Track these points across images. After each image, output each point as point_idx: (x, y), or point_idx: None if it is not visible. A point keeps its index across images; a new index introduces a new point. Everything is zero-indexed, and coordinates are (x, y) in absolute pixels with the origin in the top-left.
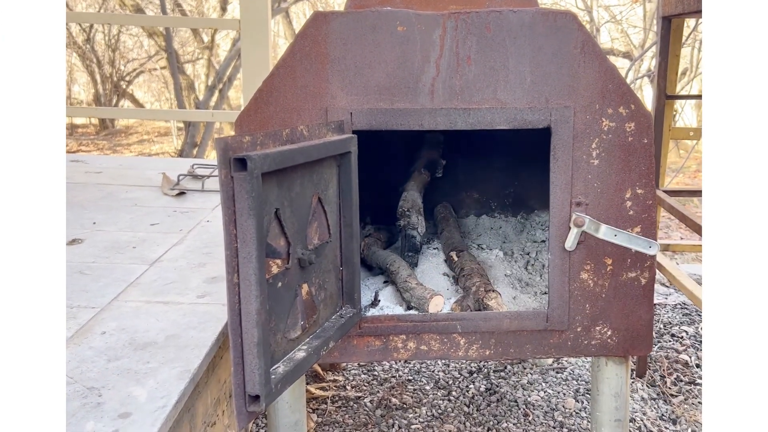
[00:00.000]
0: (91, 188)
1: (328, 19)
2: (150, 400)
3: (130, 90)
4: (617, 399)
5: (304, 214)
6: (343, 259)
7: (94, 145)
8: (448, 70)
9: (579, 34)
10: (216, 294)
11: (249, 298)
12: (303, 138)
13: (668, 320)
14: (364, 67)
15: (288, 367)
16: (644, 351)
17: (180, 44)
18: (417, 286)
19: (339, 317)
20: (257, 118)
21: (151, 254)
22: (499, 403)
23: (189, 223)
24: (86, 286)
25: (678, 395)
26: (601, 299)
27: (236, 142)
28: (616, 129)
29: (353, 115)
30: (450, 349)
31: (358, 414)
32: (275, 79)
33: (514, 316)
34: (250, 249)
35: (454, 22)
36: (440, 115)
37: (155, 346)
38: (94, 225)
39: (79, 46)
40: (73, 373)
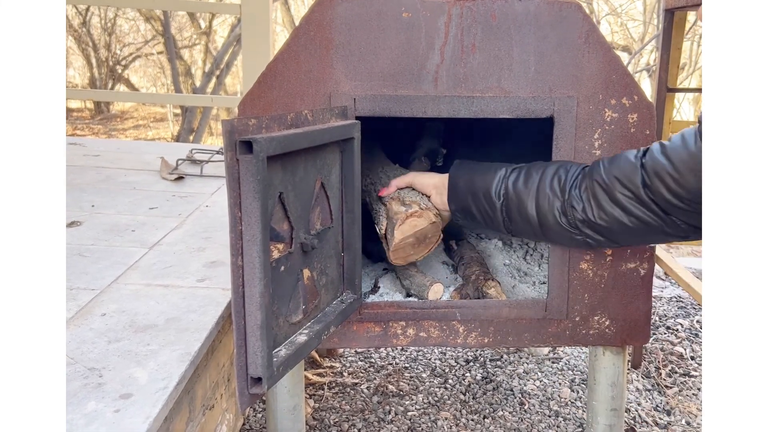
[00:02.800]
0: (89, 171)
1: (333, 4)
2: (151, 382)
3: (126, 75)
4: (614, 388)
5: (307, 198)
6: (344, 244)
7: (89, 129)
8: (453, 57)
9: (584, 24)
10: (216, 278)
11: (253, 280)
12: (307, 122)
13: (664, 313)
14: (369, 53)
15: (290, 351)
16: (642, 341)
17: (177, 29)
18: (417, 273)
19: (340, 302)
20: (260, 102)
21: (151, 238)
22: (495, 392)
23: (188, 207)
24: (86, 268)
25: (672, 387)
26: (600, 289)
27: (242, 125)
28: (619, 120)
29: (357, 101)
30: (449, 337)
31: (354, 400)
32: (279, 64)
33: (514, 304)
34: (254, 232)
35: (460, 9)
36: (444, 102)
37: (155, 329)
38: (93, 208)
39: (74, 29)
40: (73, 353)
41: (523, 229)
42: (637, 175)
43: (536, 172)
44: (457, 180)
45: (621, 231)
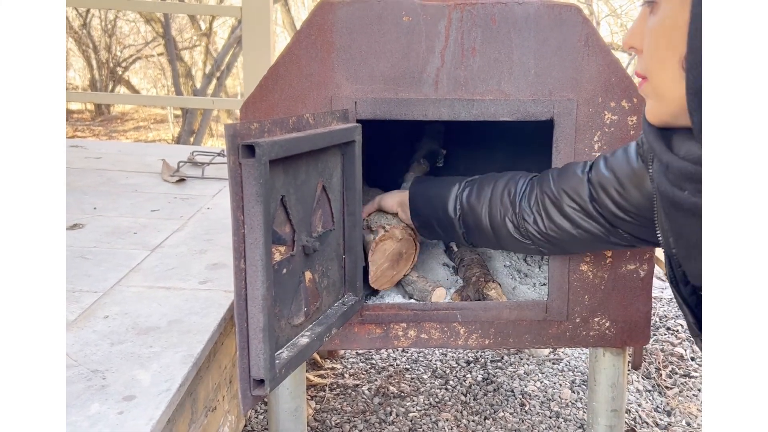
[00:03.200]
0: (91, 173)
1: (334, 8)
2: (154, 384)
3: (127, 76)
4: (614, 389)
5: (309, 201)
6: (346, 247)
7: (90, 131)
8: (453, 61)
9: (583, 28)
10: (217, 280)
11: (255, 283)
12: (309, 126)
13: (664, 313)
14: (370, 56)
15: (292, 353)
16: (642, 342)
17: (177, 31)
18: (418, 279)
19: (341, 305)
20: (262, 105)
21: (153, 240)
22: (496, 393)
23: (189, 209)
24: (88, 270)
25: (673, 387)
26: (600, 291)
27: (245, 129)
28: (618, 122)
29: (358, 104)
30: (450, 338)
31: (356, 401)
32: (280, 67)
33: (514, 306)
34: (257, 235)
35: (460, 13)
36: (444, 105)
37: (158, 331)
38: (94, 210)
39: (75, 30)
40: (77, 355)
41: (482, 240)
42: (584, 188)
43: (488, 186)
44: (415, 197)
45: (570, 241)
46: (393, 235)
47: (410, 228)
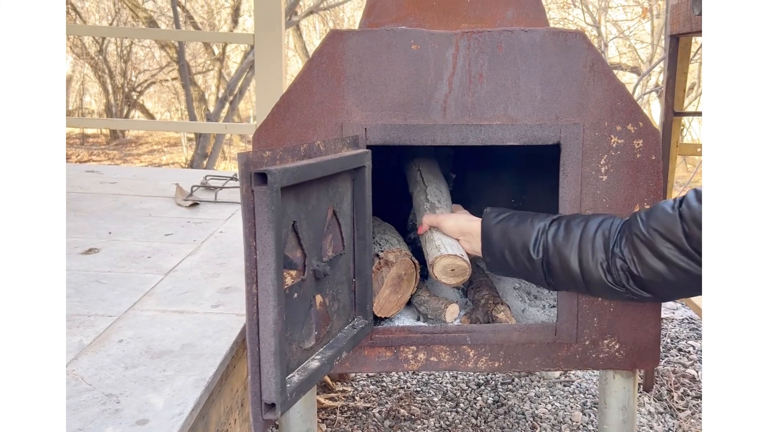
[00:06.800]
0: (106, 198)
1: (344, 37)
2: (167, 408)
3: (141, 101)
4: (625, 412)
5: (320, 226)
6: (356, 270)
7: (105, 155)
8: (461, 87)
9: (588, 53)
10: (230, 304)
11: (267, 308)
12: (319, 153)
13: (675, 335)
14: (379, 84)
15: (302, 377)
16: (651, 365)
17: (191, 56)
18: (430, 298)
19: (351, 328)
20: (274, 132)
21: (166, 264)
22: (507, 416)
23: (202, 233)
24: (103, 294)
25: (685, 410)
26: (609, 313)
27: (257, 157)
28: (625, 146)
29: (368, 131)
30: (459, 361)
31: (366, 424)
32: (292, 95)
33: (523, 328)
34: (269, 260)
35: (467, 41)
36: (452, 131)
37: (171, 355)
38: (109, 235)
39: (91, 56)
40: (92, 380)
41: (566, 284)
42: (676, 225)
43: (577, 226)
44: (490, 232)
45: (665, 284)
46: (387, 260)
47: (406, 254)
